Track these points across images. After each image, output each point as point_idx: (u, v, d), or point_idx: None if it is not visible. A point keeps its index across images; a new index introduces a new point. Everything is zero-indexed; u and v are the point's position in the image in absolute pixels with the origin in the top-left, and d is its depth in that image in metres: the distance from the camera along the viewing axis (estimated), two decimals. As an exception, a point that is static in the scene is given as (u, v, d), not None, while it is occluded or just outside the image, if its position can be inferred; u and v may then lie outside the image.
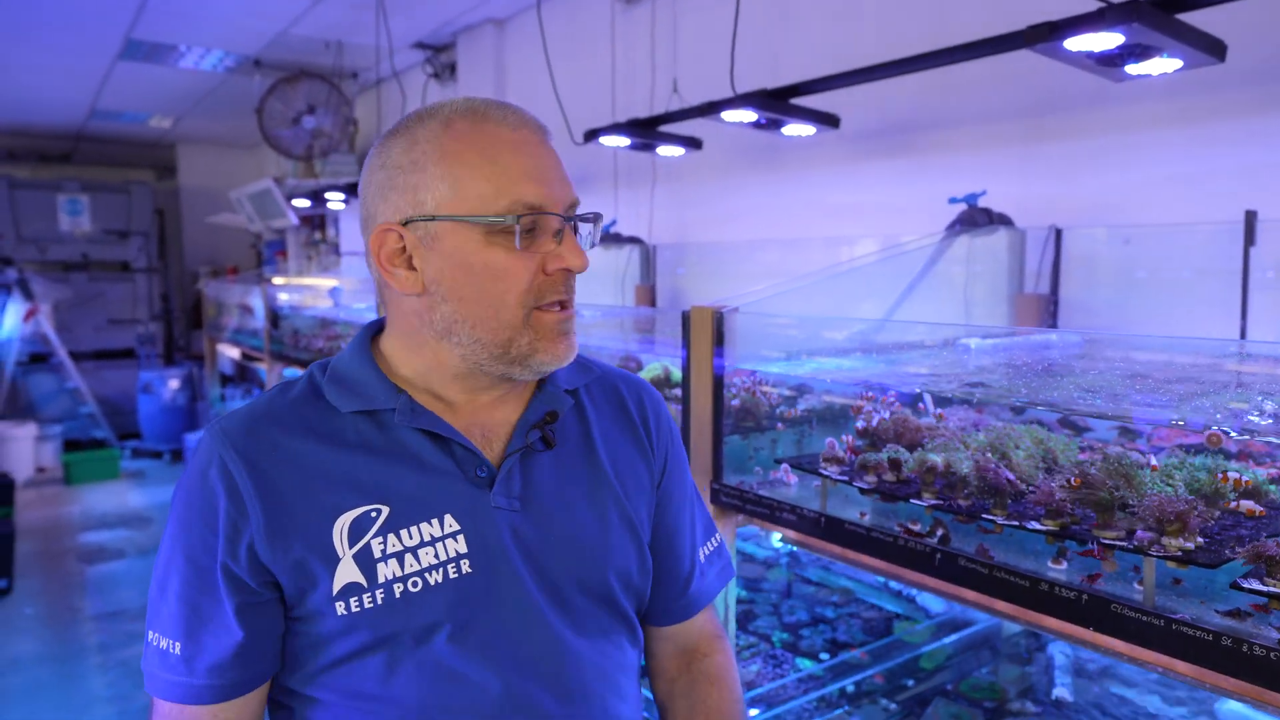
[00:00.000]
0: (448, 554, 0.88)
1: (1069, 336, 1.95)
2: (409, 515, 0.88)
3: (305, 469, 0.88)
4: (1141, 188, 2.14)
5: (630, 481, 1.01)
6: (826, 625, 2.34)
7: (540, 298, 0.88)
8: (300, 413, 0.92)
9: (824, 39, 2.91)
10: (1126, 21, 1.43)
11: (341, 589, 0.86)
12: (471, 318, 0.88)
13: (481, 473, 0.91)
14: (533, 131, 0.90)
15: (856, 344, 1.92)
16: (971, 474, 1.26)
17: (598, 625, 0.96)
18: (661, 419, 1.08)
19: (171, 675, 0.88)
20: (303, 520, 0.86)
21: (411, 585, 0.86)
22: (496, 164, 0.87)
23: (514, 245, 0.86)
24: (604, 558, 0.95)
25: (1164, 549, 1.05)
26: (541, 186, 0.87)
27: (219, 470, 0.87)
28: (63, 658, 3.95)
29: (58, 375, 8.02)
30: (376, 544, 0.87)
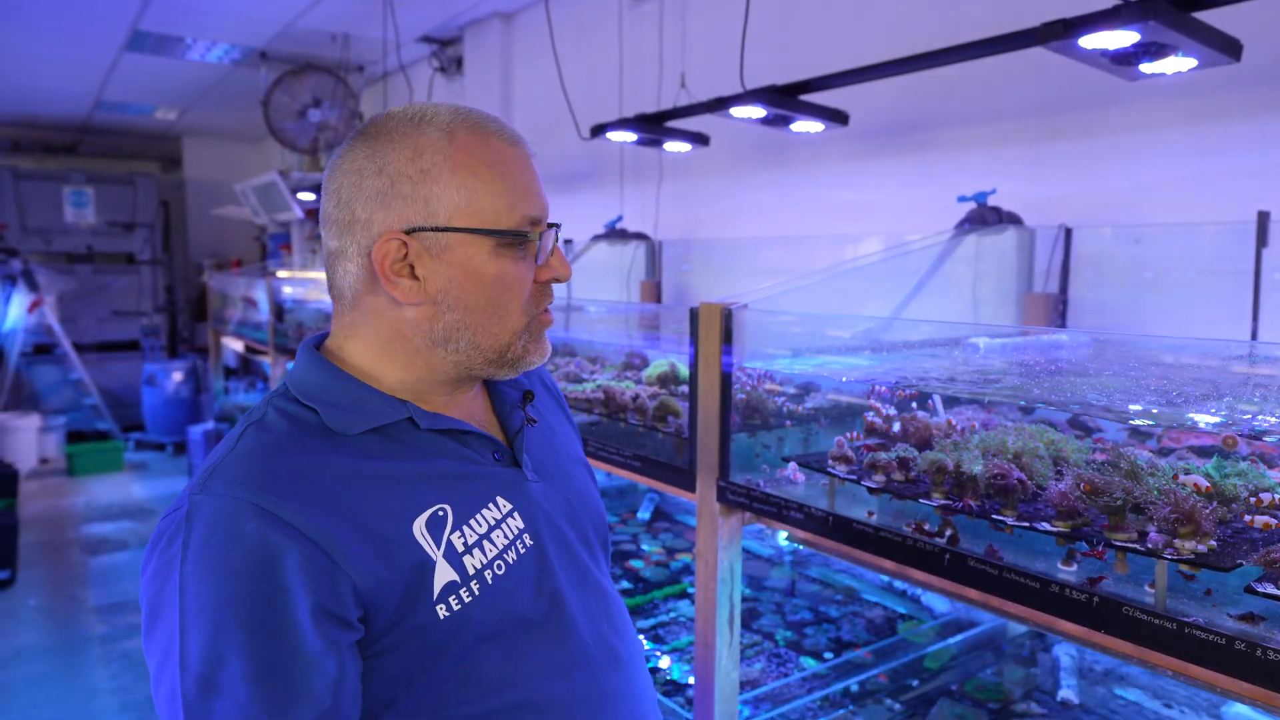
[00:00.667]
0: (513, 531, 0.93)
1: (1079, 336, 1.94)
2: (469, 506, 0.91)
3: (354, 485, 0.83)
4: (1152, 187, 2.13)
5: (575, 439, 1.17)
6: (830, 624, 2.33)
7: (538, 305, 0.95)
8: (304, 442, 0.85)
9: (833, 35, 2.90)
10: (1143, 19, 1.42)
11: (441, 590, 0.85)
12: (475, 325, 0.91)
13: (499, 456, 0.97)
14: (524, 147, 0.96)
15: (865, 342, 1.92)
16: (982, 475, 1.25)
17: (609, 571, 1.10)
18: (555, 385, 1.23)
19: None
20: (384, 533, 0.82)
21: (497, 568, 0.90)
22: (507, 180, 0.91)
23: (519, 256, 0.92)
24: (599, 509, 1.09)
25: (1176, 552, 1.04)
26: (541, 201, 0.94)
27: (262, 522, 0.77)
28: (65, 649, 3.95)
29: (62, 367, 8.03)
30: (456, 539, 0.88)
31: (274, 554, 0.76)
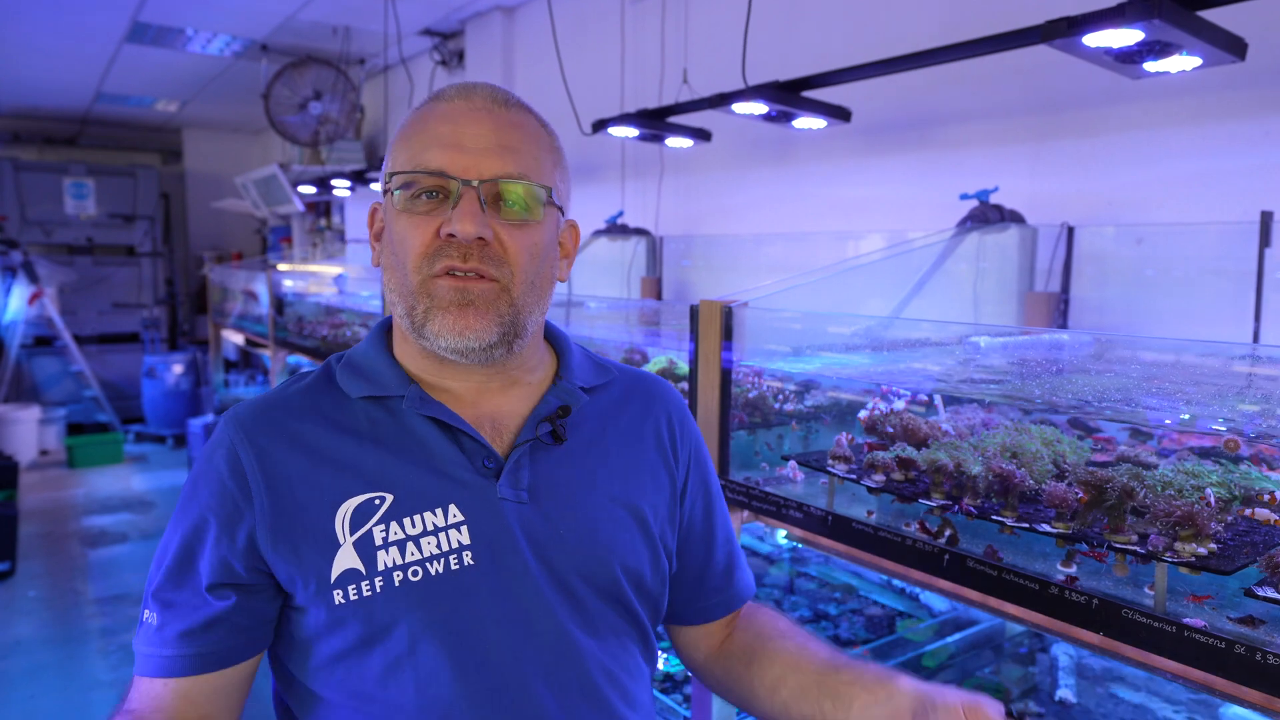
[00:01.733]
0: (450, 544, 0.86)
1: (1080, 336, 1.93)
2: (413, 504, 0.87)
3: (313, 456, 0.88)
4: (1155, 186, 2.12)
5: (648, 484, 1.00)
6: (829, 622, 2.33)
7: (434, 265, 0.85)
8: (313, 400, 0.92)
9: (835, 32, 2.89)
10: (1147, 18, 1.41)
11: (340, 576, 0.84)
12: (393, 286, 0.89)
13: (489, 464, 0.90)
14: (470, 101, 0.88)
15: (865, 341, 1.91)
16: (983, 475, 1.24)
17: (608, 625, 0.94)
18: (686, 424, 1.08)
19: (146, 647, 0.86)
20: (307, 507, 0.86)
21: (411, 574, 0.85)
22: (421, 134, 0.88)
23: (419, 209, 0.86)
24: (610, 552, 0.93)
25: (1177, 554, 1.03)
26: (449, 151, 0.85)
27: (228, 455, 0.88)
28: (64, 641, 3.96)
29: (62, 358, 8.03)
30: (378, 531, 0.85)
31: (221, 483, 0.87)
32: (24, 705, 3.39)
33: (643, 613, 0.98)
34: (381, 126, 6.15)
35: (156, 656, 0.85)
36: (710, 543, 1.08)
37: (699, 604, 1.09)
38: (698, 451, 1.08)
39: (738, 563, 1.12)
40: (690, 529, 1.06)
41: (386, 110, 6.01)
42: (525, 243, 0.88)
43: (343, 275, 4.83)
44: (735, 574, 1.11)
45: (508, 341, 0.88)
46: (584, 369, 1.02)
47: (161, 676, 0.85)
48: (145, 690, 0.86)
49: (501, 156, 0.86)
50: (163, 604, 0.86)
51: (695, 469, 1.07)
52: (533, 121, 0.92)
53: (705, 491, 1.08)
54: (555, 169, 0.93)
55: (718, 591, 1.09)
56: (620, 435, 1.00)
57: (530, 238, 0.88)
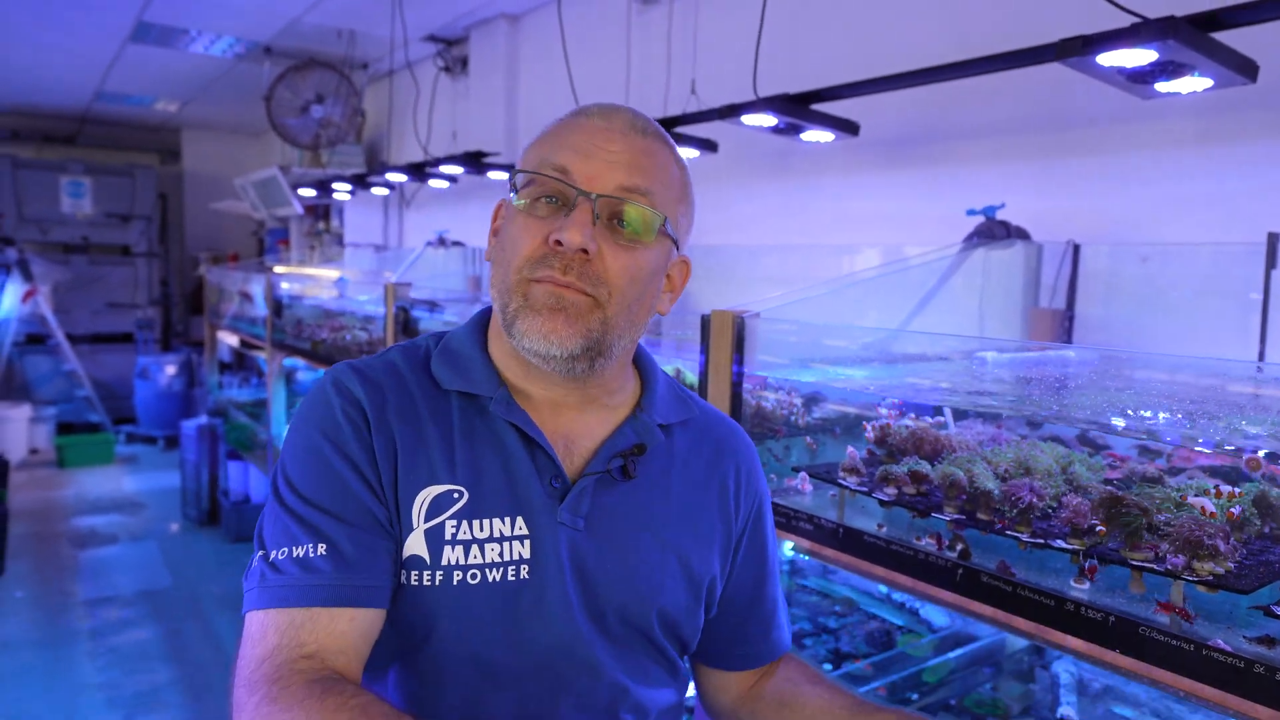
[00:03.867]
0: (512, 555, 0.87)
1: (1087, 353, 1.94)
2: (487, 507, 0.87)
3: (410, 431, 0.88)
4: (1162, 206, 2.13)
5: (703, 529, 0.99)
6: (829, 635, 2.32)
7: (536, 270, 0.85)
8: (416, 376, 0.93)
9: (843, 46, 2.90)
10: (1162, 38, 1.42)
11: (408, 559, 0.85)
12: (496, 282, 0.90)
13: (556, 484, 0.90)
14: (610, 121, 0.89)
15: (874, 354, 1.91)
16: (997, 490, 1.24)
17: (636, 663, 0.95)
18: (754, 477, 1.07)
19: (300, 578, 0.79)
20: (402, 478, 0.86)
21: (470, 577, 0.85)
22: (556, 136, 0.90)
23: (536, 212, 0.86)
24: (651, 595, 0.93)
25: (1194, 573, 1.03)
26: (576, 160, 0.86)
27: (346, 392, 0.88)
28: (53, 642, 3.92)
29: (54, 357, 7.98)
30: (450, 525, 0.86)
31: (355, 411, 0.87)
32: (12, 707, 3.35)
33: (672, 650, 0.99)
34: (383, 131, 6.15)
35: (319, 587, 0.79)
36: (759, 597, 1.08)
37: (737, 651, 1.09)
38: (760, 505, 1.08)
39: (781, 616, 1.12)
40: (740, 581, 1.06)
41: (389, 115, 6.01)
42: (628, 263, 0.87)
43: (344, 279, 4.82)
44: (777, 627, 1.11)
45: (590, 356, 0.87)
46: (667, 403, 1.01)
47: (328, 605, 0.78)
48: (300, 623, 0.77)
49: (627, 174, 0.87)
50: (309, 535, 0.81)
51: (754, 524, 1.07)
52: (666, 152, 0.93)
53: (761, 546, 1.08)
54: (679, 203, 0.94)
55: (759, 640, 1.10)
56: (685, 478, 0.99)
57: (635, 260, 0.87)
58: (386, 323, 3.20)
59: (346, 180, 5.41)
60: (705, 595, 1.00)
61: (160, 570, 4.84)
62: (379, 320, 3.51)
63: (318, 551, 0.80)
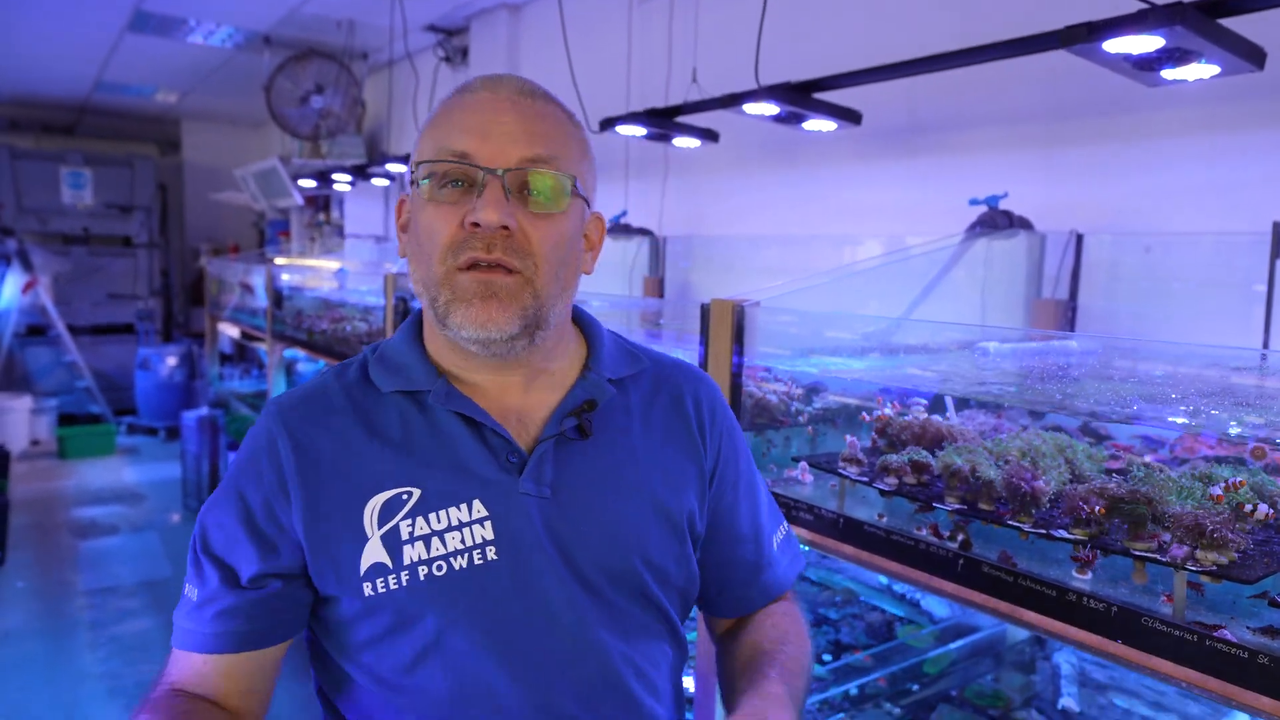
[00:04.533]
0: (474, 539, 0.87)
1: (1089, 342, 1.93)
2: (440, 499, 0.88)
3: (346, 449, 0.90)
4: (1166, 195, 2.12)
5: (675, 475, 0.98)
6: (830, 626, 2.31)
7: (458, 256, 0.85)
8: (349, 392, 0.94)
9: (845, 34, 2.88)
10: (1169, 24, 1.40)
11: (368, 569, 0.86)
12: (418, 278, 0.89)
13: (513, 459, 0.90)
14: (497, 92, 0.88)
15: (875, 344, 1.90)
16: (999, 480, 1.23)
17: (632, 619, 0.94)
18: (717, 412, 1.05)
19: (186, 622, 0.89)
20: (339, 500, 0.88)
21: (436, 569, 0.86)
22: (447, 120, 0.88)
23: (445, 199, 0.86)
24: (633, 549, 0.93)
25: (1198, 563, 1.02)
26: (474, 139, 0.85)
27: (267, 446, 0.90)
28: (54, 632, 3.92)
29: (55, 348, 7.98)
30: (405, 526, 0.87)
31: (261, 473, 0.90)
32: (13, 697, 3.35)
33: (668, 605, 0.97)
34: (383, 121, 6.13)
35: (197, 633, 0.88)
36: (739, 533, 1.05)
37: (722, 599, 1.07)
38: (729, 438, 1.06)
39: (767, 561, 1.07)
40: (721, 521, 1.04)
41: (389, 105, 5.99)
42: (550, 233, 0.87)
43: (344, 270, 4.81)
44: (768, 566, 1.07)
45: (530, 332, 0.87)
46: (614, 359, 1.00)
47: (201, 652, 0.88)
48: (185, 663, 0.89)
49: (528, 144, 0.86)
50: (202, 582, 0.89)
51: (727, 457, 1.04)
52: (560, 112, 0.92)
53: (736, 479, 1.05)
54: (582, 160, 0.93)
55: (748, 583, 1.06)
56: (649, 427, 0.99)
57: (555, 228, 0.87)
58: (386, 313, 3.19)
59: (346, 171, 5.39)
60: (690, 540, 0.99)
61: (161, 561, 4.85)
62: (379, 311, 3.50)
63: (203, 596, 0.89)
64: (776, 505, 1.15)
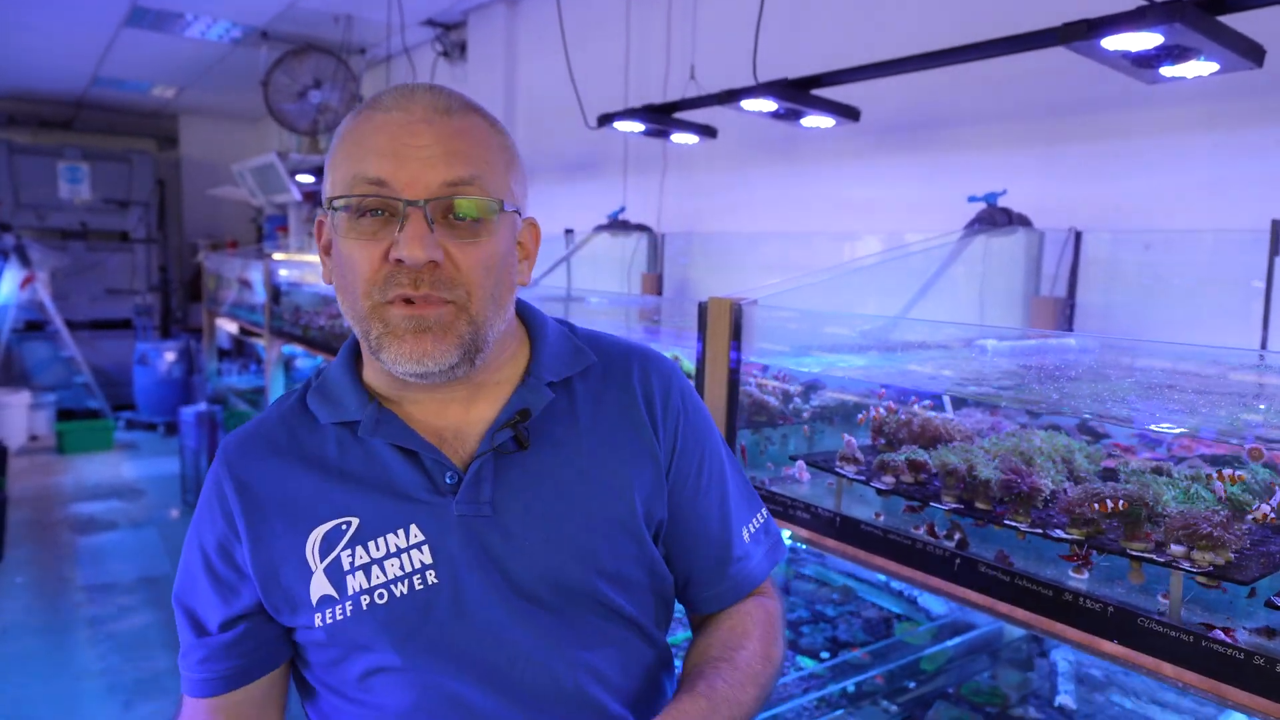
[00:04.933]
0: (413, 565, 0.87)
1: (1087, 341, 1.92)
2: (377, 526, 0.88)
3: (287, 486, 0.91)
4: (1164, 192, 2.11)
5: (625, 473, 0.92)
6: (827, 624, 2.32)
7: (386, 292, 0.81)
8: (289, 426, 0.94)
9: (844, 30, 2.87)
10: (1168, 21, 1.40)
11: (319, 601, 0.88)
12: (346, 308, 0.87)
13: (450, 479, 0.88)
14: (409, 109, 0.82)
15: (873, 341, 1.90)
16: (995, 479, 1.23)
17: (592, 628, 0.90)
18: (671, 395, 0.98)
19: (181, 668, 0.94)
20: (283, 535, 0.89)
21: (378, 597, 0.87)
22: (358, 146, 0.82)
23: (366, 231, 0.81)
24: (586, 560, 0.89)
25: (1194, 563, 1.02)
26: (388, 163, 0.79)
27: (217, 490, 0.92)
28: (53, 628, 3.92)
29: (53, 344, 7.97)
30: (345, 556, 0.87)
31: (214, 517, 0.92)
32: (12, 693, 3.35)
33: (633, 608, 0.93)
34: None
35: (190, 679, 0.92)
36: (699, 531, 0.98)
37: (691, 595, 1.02)
38: (689, 423, 0.98)
39: (737, 554, 1.00)
40: (678, 514, 0.97)
41: (387, 100, 5.96)
42: (479, 258, 0.82)
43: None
44: (736, 560, 1.00)
45: (469, 359, 0.84)
46: (557, 359, 0.95)
47: (196, 696, 0.92)
48: (190, 708, 0.94)
49: (447, 167, 0.80)
50: (183, 630, 0.94)
51: (687, 445, 0.97)
52: (480, 124, 0.86)
53: (697, 473, 0.98)
54: (509, 171, 0.87)
55: (710, 583, 1.00)
56: (595, 425, 0.94)
57: (484, 251, 0.83)
58: (384, 310, 3.18)
59: (344, 166, 5.38)
60: (649, 536, 0.94)
61: (160, 556, 4.85)
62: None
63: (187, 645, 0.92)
64: (752, 492, 1.07)
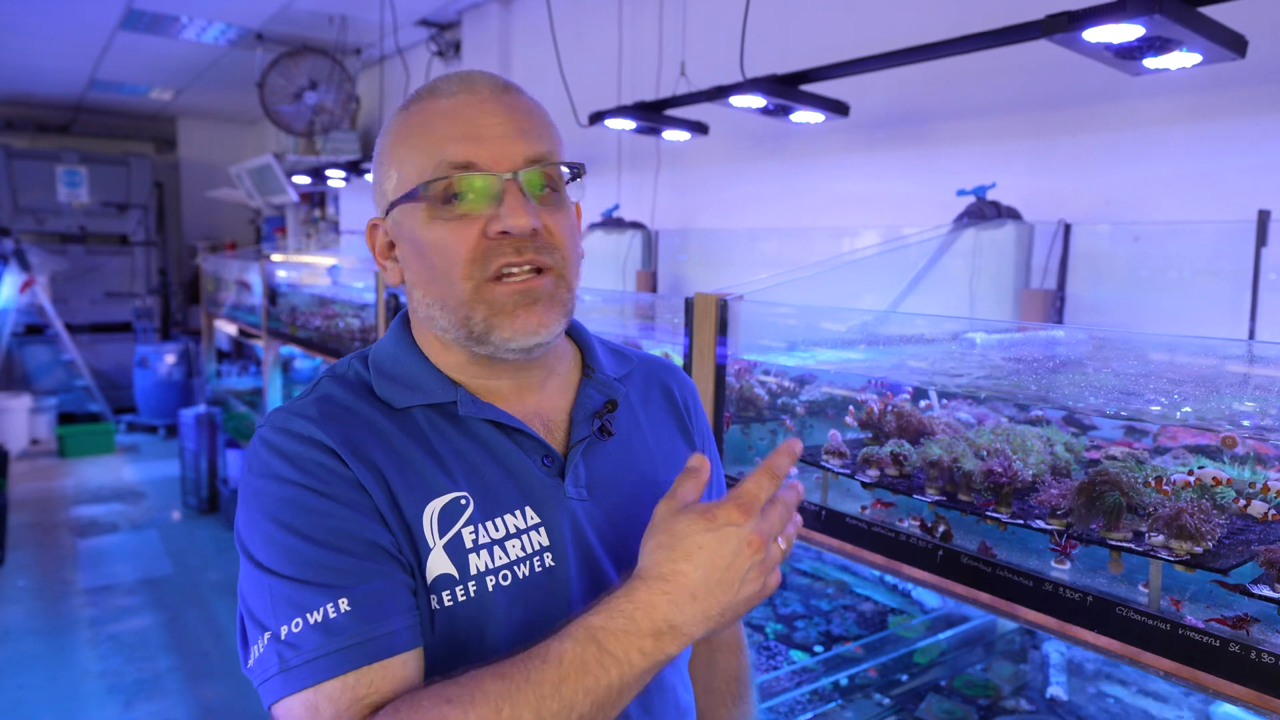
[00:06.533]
0: (533, 546, 0.85)
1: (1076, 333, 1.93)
2: (493, 506, 0.85)
3: (393, 447, 0.83)
4: (1152, 184, 2.11)
5: (677, 468, 0.98)
6: (821, 618, 2.32)
7: (487, 267, 0.82)
8: (362, 404, 0.87)
9: (833, 26, 2.87)
10: (1148, 13, 1.40)
11: (435, 580, 0.80)
12: (435, 301, 0.85)
13: (548, 462, 0.89)
14: (474, 91, 0.85)
15: (861, 336, 1.90)
16: (978, 471, 1.24)
17: None
18: (699, 406, 1.09)
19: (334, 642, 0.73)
20: (400, 499, 0.81)
21: (503, 578, 0.83)
22: (431, 133, 0.84)
23: (452, 214, 0.82)
24: None
25: (1172, 552, 1.03)
26: (471, 144, 0.82)
27: (314, 444, 0.80)
28: (54, 631, 3.94)
29: (53, 347, 7.99)
30: (468, 534, 0.82)
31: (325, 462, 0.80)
32: (13, 695, 3.37)
33: None
34: (377, 117, 6.12)
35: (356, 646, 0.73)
36: None
37: None
38: (707, 432, 1.10)
39: None
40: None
41: (382, 101, 5.98)
42: (566, 225, 0.87)
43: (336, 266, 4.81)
44: None
45: (563, 329, 0.88)
46: (608, 359, 1.01)
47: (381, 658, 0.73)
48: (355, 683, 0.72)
49: (526, 142, 0.84)
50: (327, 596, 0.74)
51: (709, 452, 1.09)
52: (533, 100, 0.91)
53: (717, 477, 1.09)
54: (563, 147, 0.92)
55: None
56: (651, 422, 1.01)
57: (567, 218, 0.87)
58: (378, 309, 3.19)
59: (341, 167, 5.39)
60: None
61: (161, 558, 4.86)
62: (372, 308, 3.50)
63: (338, 609, 0.73)
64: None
